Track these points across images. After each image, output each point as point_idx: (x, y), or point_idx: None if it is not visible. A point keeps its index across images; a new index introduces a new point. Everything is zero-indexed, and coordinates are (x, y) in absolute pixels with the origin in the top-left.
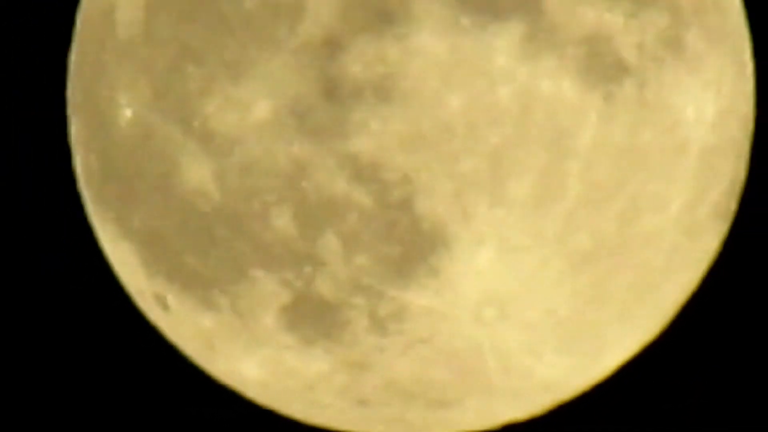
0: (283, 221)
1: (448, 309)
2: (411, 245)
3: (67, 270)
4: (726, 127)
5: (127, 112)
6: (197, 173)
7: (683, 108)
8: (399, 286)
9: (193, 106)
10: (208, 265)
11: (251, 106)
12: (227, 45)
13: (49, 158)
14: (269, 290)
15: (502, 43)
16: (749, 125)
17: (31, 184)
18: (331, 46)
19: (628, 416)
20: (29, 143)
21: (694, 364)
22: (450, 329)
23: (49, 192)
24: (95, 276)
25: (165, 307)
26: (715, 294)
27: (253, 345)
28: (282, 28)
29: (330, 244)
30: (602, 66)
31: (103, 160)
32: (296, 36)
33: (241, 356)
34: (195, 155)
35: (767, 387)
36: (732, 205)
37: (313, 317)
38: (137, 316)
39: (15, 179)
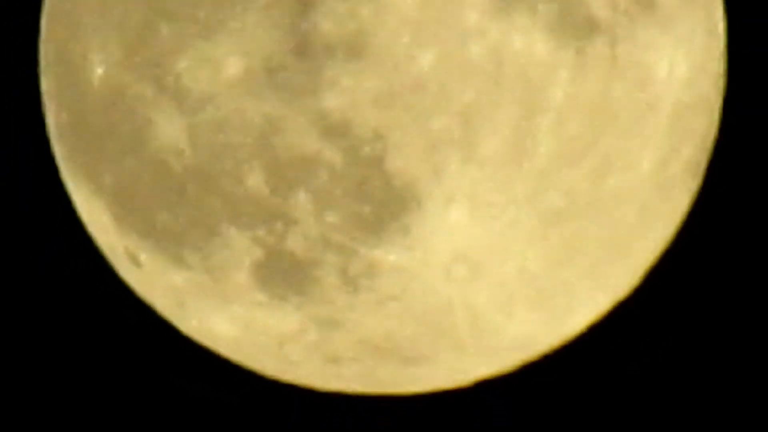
0: (254, 179)
1: (419, 267)
2: (382, 203)
3: (39, 226)
4: (697, 85)
5: (99, 70)
6: (169, 130)
7: (655, 65)
8: (370, 243)
9: (165, 64)
10: (180, 222)
11: (223, 63)
12: (200, 2)
13: (20, 114)
14: (241, 247)
15: (474, 0)
16: (721, 83)
17: (2, 140)
18: (303, 3)
19: (598, 375)
20: (1, 98)
21: (664, 323)
22: (421, 287)
23: (21, 148)
24: (67, 232)
25: (137, 264)
26: (686, 252)
27: (225, 302)
28: None
29: (301, 201)
30: (574, 23)
31: (75, 117)
32: None
33: (212, 313)
34: (167, 112)
35: (737, 346)
36: (703, 163)
37: (284, 274)
38: (109, 273)
39: None
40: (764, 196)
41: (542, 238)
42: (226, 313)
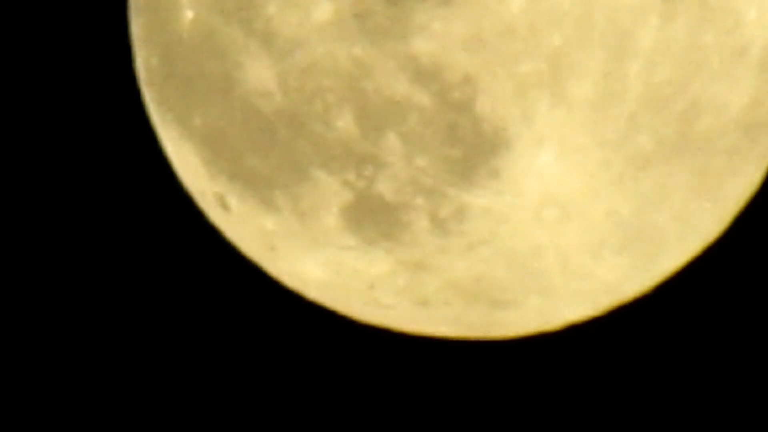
0: (344, 122)
1: (508, 210)
2: (472, 146)
3: (129, 172)
4: None
5: (189, 14)
6: (259, 74)
7: (745, 10)
8: (460, 186)
9: (254, 8)
10: (270, 165)
11: (313, 7)
12: None
13: (110, 59)
14: (330, 191)
15: None
16: None
17: (92, 84)
18: None
19: (688, 319)
20: (91, 44)
21: (754, 269)
22: (511, 230)
23: (110, 94)
24: (156, 177)
25: (226, 207)
26: None
27: (315, 245)
28: None
29: (391, 144)
30: None
31: (165, 61)
32: None
33: (302, 257)
34: (257, 56)
35: None
36: None
37: (374, 218)
38: (198, 217)
39: (77, 80)
40: None
41: (631, 181)
42: (315, 256)
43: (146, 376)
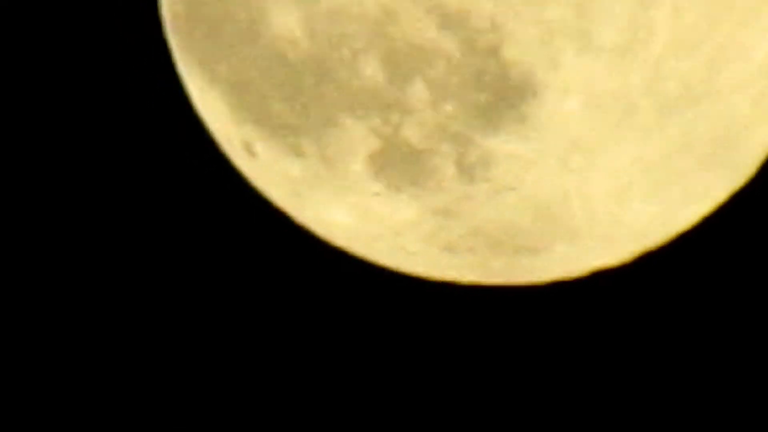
0: (371, 68)
1: (535, 156)
2: (499, 92)
3: (154, 118)
4: None
5: None
6: (285, 20)
7: None
8: (486, 133)
9: None
10: (296, 112)
11: None
12: None
13: (135, 5)
14: (357, 137)
15: None
16: None
17: (118, 31)
18: None
19: (713, 267)
20: None
21: None
22: (537, 176)
23: (135, 40)
24: (182, 123)
25: (252, 153)
26: None
27: (341, 192)
28: None
29: (418, 91)
30: None
31: (190, 7)
32: None
33: (328, 203)
34: (282, 2)
35: None
36: None
37: (400, 164)
38: (224, 163)
39: (100, 26)
40: None
41: (657, 127)
42: (342, 203)
43: (172, 323)
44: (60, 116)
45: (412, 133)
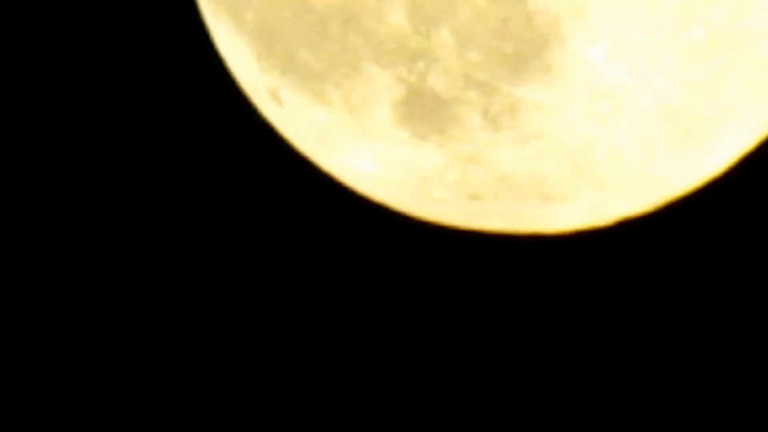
0: (396, 16)
1: (561, 104)
2: (524, 41)
3: (182, 66)
4: None
5: None
6: None
7: None
8: (512, 81)
9: None
10: (322, 60)
11: None
12: None
13: None
14: (382, 85)
15: None
16: None
17: None
18: None
19: (740, 215)
20: None
21: None
22: (563, 124)
23: None
24: (209, 70)
25: (278, 101)
26: None
27: (366, 139)
28: None
29: (443, 39)
30: None
31: None
32: None
33: (354, 151)
34: None
35: None
36: None
37: (426, 112)
38: (250, 110)
39: None
40: None
41: (683, 74)
42: (367, 150)
43: (207, 264)
44: (89, 67)
45: (437, 82)
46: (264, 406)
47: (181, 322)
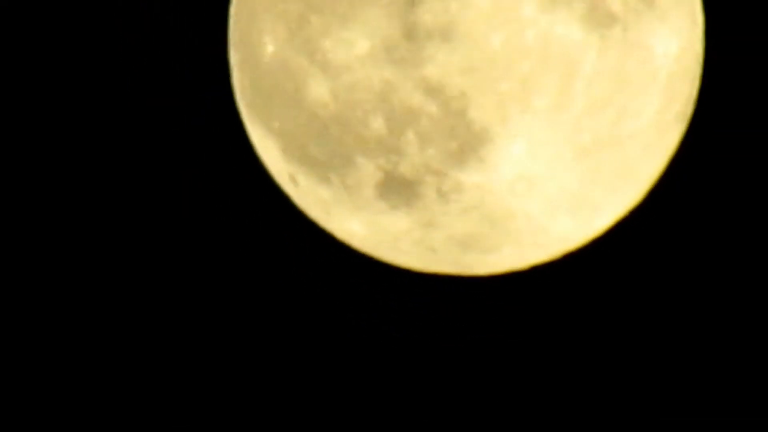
0: (377, 124)
1: (491, 185)
2: (465, 141)
3: (226, 160)
4: (685, 60)
5: (270, 48)
6: (318, 90)
7: (655, 46)
8: (457, 169)
9: (315, 44)
10: (326, 154)
11: (355, 43)
12: (339, 1)
13: (214, 79)
14: (368, 172)
15: None
16: (700, 59)
17: (201, 100)
18: (411, 2)
19: (621, 264)
20: (200, 71)
21: (667, 227)
22: (492, 199)
23: (214, 105)
24: (247, 162)
25: (296, 183)
26: (677, 175)
27: (357, 210)
28: None
29: (410, 140)
30: (599, 16)
31: (253, 81)
32: None
33: (348, 218)
34: (317, 78)
35: (724, 250)
36: (688, 113)
37: (398, 191)
38: (276, 190)
39: (190, 99)
40: (733, 138)
41: (578, 166)
42: (358, 218)
43: (221, 316)
44: (154, 159)
45: (406, 169)
46: None
47: (185, 375)
